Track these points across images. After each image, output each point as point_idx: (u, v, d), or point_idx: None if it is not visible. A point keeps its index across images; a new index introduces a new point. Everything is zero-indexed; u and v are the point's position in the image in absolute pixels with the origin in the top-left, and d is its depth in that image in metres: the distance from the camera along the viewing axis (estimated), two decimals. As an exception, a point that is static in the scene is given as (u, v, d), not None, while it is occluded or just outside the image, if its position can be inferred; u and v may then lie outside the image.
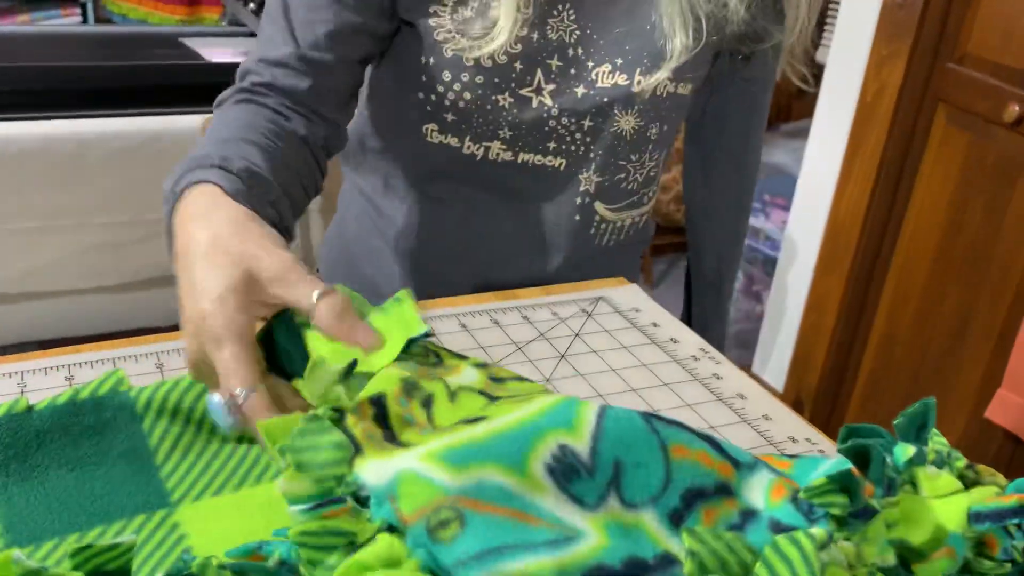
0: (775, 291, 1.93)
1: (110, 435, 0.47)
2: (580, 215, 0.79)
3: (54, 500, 0.44)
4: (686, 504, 0.40)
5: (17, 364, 0.56)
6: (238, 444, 0.49)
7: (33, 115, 1.33)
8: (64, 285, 1.42)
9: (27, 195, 1.34)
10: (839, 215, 1.72)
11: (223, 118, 0.67)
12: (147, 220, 1.42)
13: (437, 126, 0.76)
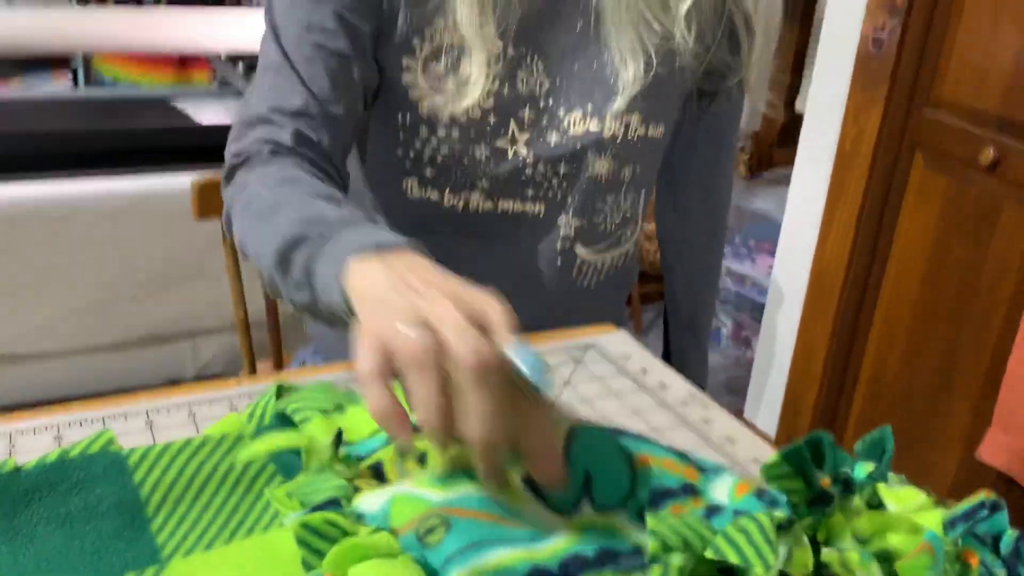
0: (764, 336, 1.94)
1: (100, 489, 0.47)
2: (562, 259, 0.81)
3: (43, 558, 0.44)
4: (653, 503, 0.43)
5: (5, 425, 0.56)
6: (228, 496, 0.49)
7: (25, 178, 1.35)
8: (56, 345, 1.42)
9: (19, 256, 1.34)
10: (823, 260, 1.74)
11: (280, 177, 0.66)
12: (137, 280, 1.42)
13: (416, 180, 0.77)
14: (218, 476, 0.49)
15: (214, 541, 0.46)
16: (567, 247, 0.81)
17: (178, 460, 0.49)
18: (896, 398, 1.63)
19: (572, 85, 0.75)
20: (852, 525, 0.43)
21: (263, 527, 0.48)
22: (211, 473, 0.49)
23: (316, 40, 0.69)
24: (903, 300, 1.60)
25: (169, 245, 1.41)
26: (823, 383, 1.77)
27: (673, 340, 0.95)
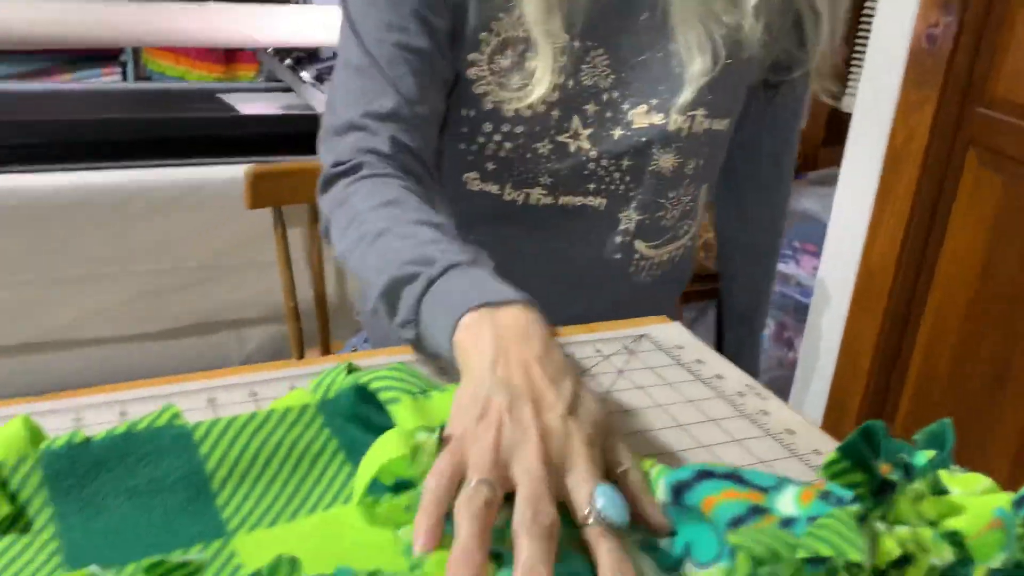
0: (808, 337, 1.92)
1: (166, 463, 0.48)
2: (620, 253, 0.80)
3: (112, 529, 0.45)
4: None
5: (71, 400, 0.57)
6: (292, 473, 0.49)
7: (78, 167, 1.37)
8: (108, 332, 1.44)
9: (72, 244, 1.37)
10: (872, 260, 1.72)
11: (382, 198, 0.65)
12: (188, 268, 1.44)
13: (478, 175, 0.77)
14: (283, 451, 0.50)
15: (278, 518, 0.47)
16: (626, 241, 0.80)
17: (243, 435, 0.49)
18: (945, 400, 1.61)
19: (637, 79, 0.75)
20: (917, 509, 0.42)
21: (325, 505, 0.48)
22: (275, 448, 0.50)
23: (398, 40, 0.69)
24: (954, 301, 1.57)
25: (219, 235, 1.42)
26: (869, 384, 1.74)
27: (727, 336, 0.95)
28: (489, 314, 0.52)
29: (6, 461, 0.46)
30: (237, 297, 1.50)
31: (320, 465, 0.50)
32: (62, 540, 0.44)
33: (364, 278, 0.63)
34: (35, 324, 1.42)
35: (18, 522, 0.45)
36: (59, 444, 0.47)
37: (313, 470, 0.49)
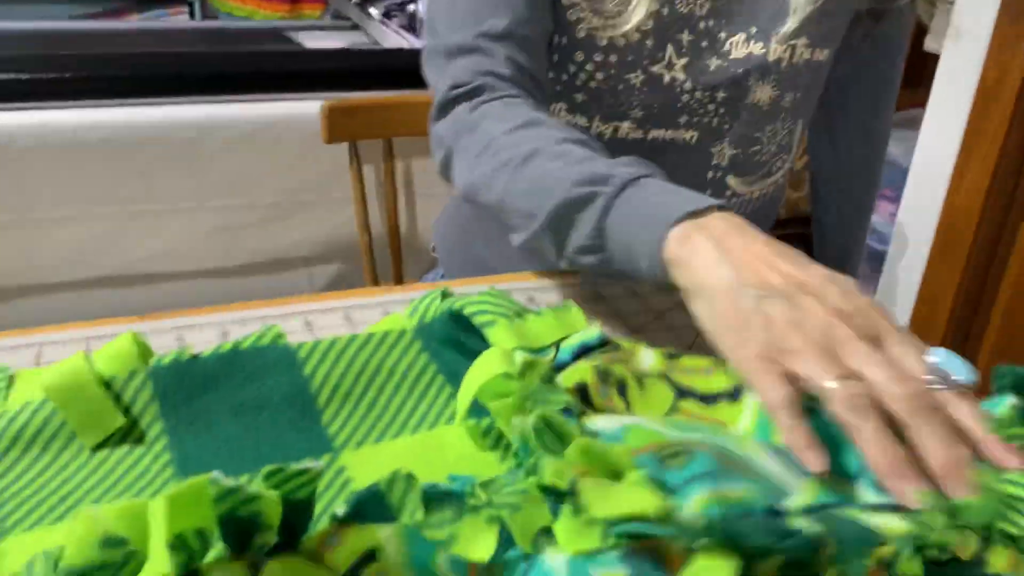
0: (884, 284, 1.87)
1: (271, 381, 0.48)
2: (711, 189, 0.78)
3: (222, 443, 0.45)
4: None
5: (174, 320, 0.58)
6: (394, 394, 0.49)
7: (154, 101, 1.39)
8: (184, 267, 1.47)
9: (149, 179, 1.39)
10: (955, 206, 1.66)
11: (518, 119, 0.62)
12: (264, 204, 1.46)
13: (566, 106, 0.75)
14: (384, 373, 0.50)
15: (383, 436, 0.47)
16: (718, 177, 0.78)
17: (345, 355, 0.49)
18: (1028, 352, 1.56)
19: (736, 6, 0.72)
20: None
21: (428, 425, 0.48)
22: (377, 369, 0.50)
23: None
24: (1043, 249, 1.51)
25: (292, 171, 1.43)
26: (947, 335, 1.70)
27: None
28: (696, 223, 0.48)
29: (118, 376, 0.46)
30: (310, 234, 1.51)
31: (420, 387, 0.50)
32: (173, 453, 0.45)
33: (512, 207, 0.59)
34: (114, 258, 1.45)
35: (131, 434, 0.46)
36: (167, 360, 0.48)
37: (414, 391, 0.50)
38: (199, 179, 1.41)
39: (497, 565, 0.35)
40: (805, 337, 0.41)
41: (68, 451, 0.44)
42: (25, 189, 1.33)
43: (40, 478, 0.42)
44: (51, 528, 0.40)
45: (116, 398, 0.46)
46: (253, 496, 0.32)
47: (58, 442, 0.44)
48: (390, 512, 0.34)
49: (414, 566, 0.34)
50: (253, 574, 0.32)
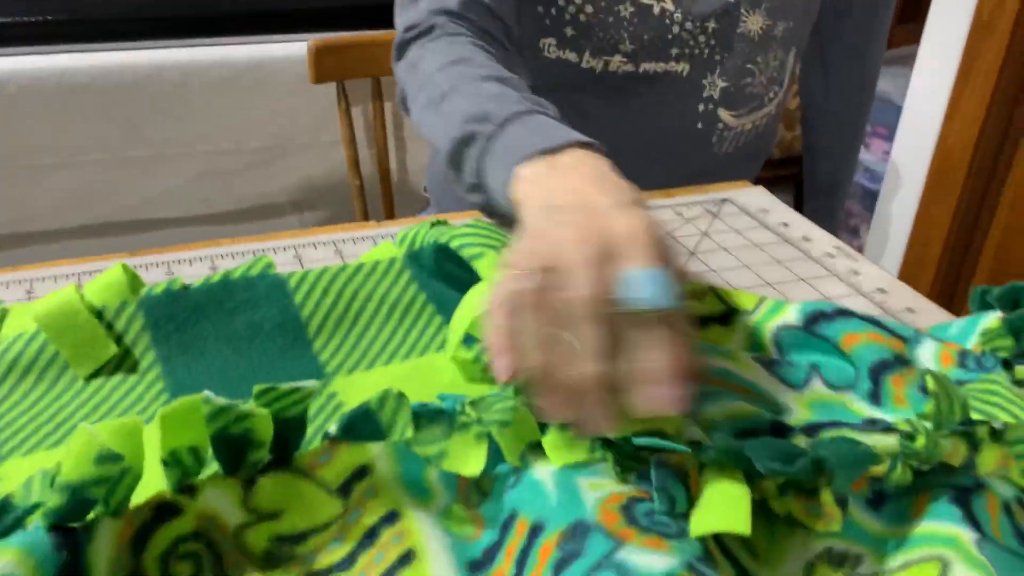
0: (876, 223, 1.87)
1: (263, 310, 0.48)
2: (703, 123, 0.78)
3: (214, 371, 0.46)
4: (875, 380, 0.42)
5: (164, 255, 0.58)
6: (385, 323, 0.49)
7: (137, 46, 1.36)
8: (173, 214, 1.46)
9: (136, 125, 1.37)
10: (948, 142, 1.65)
11: (449, 56, 0.62)
12: (251, 148, 1.44)
13: (555, 40, 0.74)
14: (374, 302, 0.50)
15: (374, 363, 0.47)
16: (710, 110, 0.78)
17: (335, 284, 0.50)
18: (1018, 287, 1.57)
19: None
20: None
21: (419, 352, 0.48)
22: (367, 298, 0.50)
23: None
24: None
25: (279, 114, 1.42)
26: (939, 272, 1.70)
27: (807, 208, 0.92)
28: (547, 161, 0.46)
29: (108, 305, 0.47)
30: (299, 178, 1.50)
31: (411, 316, 0.50)
32: (167, 381, 0.45)
33: (436, 148, 0.60)
34: (103, 205, 1.44)
35: (124, 363, 0.46)
36: (158, 290, 0.48)
37: (405, 320, 0.50)
38: (186, 124, 1.40)
39: (486, 478, 0.36)
40: (536, 243, 0.39)
41: (63, 380, 0.44)
42: (12, 136, 1.32)
43: (36, 406, 0.43)
44: (47, 453, 0.40)
45: (108, 328, 0.46)
46: (245, 414, 0.32)
47: (52, 371, 0.44)
48: (381, 430, 0.35)
49: (405, 481, 0.35)
50: (246, 490, 0.33)
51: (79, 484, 0.29)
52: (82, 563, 0.29)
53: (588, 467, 0.34)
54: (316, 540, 0.33)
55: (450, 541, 0.33)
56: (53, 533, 0.29)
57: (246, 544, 0.32)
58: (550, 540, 0.31)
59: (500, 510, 0.34)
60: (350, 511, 0.34)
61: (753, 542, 0.36)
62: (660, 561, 0.28)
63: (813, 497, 0.34)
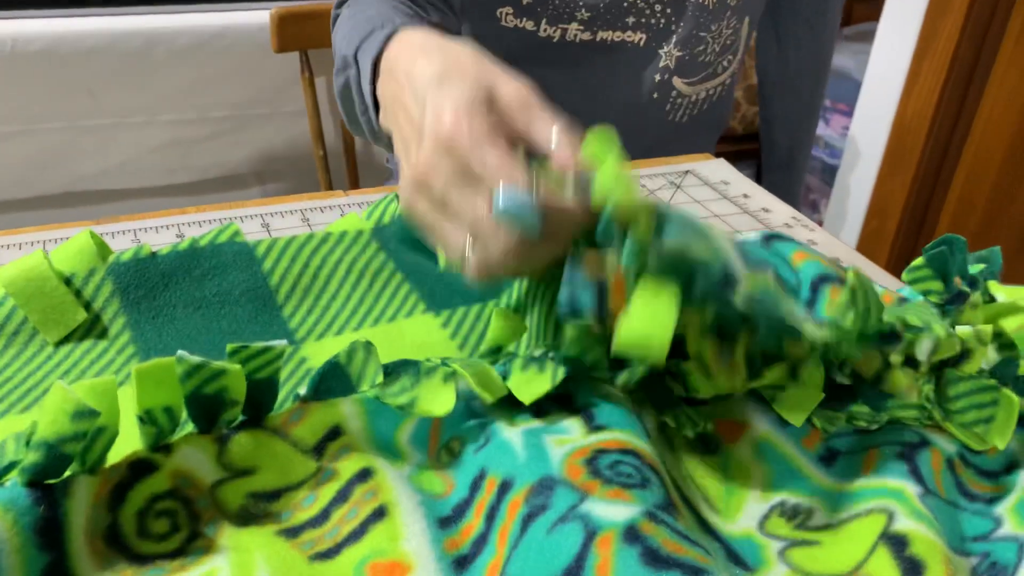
0: (835, 197, 1.90)
1: (231, 277, 0.49)
2: (658, 92, 0.79)
3: (185, 337, 0.46)
4: (813, 290, 0.44)
5: (131, 223, 0.58)
6: (354, 289, 0.50)
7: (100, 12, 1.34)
8: (135, 184, 1.45)
9: (96, 93, 1.35)
10: (906, 116, 1.68)
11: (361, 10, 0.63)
12: (215, 117, 1.43)
13: (512, 9, 0.75)
14: (342, 269, 0.50)
15: (344, 328, 0.48)
16: (665, 79, 0.79)
17: (304, 252, 0.50)
18: (971, 259, 1.61)
19: None
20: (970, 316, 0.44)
21: (388, 319, 0.49)
22: (335, 266, 0.50)
23: None
24: (988, 159, 1.55)
25: (244, 83, 1.40)
26: (895, 244, 1.74)
27: (766, 180, 0.94)
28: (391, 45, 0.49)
29: (77, 272, 0.47)
30: (263, 148, 1.49)
31: (379, 283, 0.51)
32: (137, 346, 0.45)
33: (335, 81, 0.63)
34: (63, 175, 1.42)
35: (93, 330, 0.46)
36: (126, 257, 0.48)
37: (373, 287, 0.50)
38: (148, 93, 1.38)
39: (456, 440, 0.37)
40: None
41: (32, 345, 0.45)
42: (-33, 103, 1.30)
43: (5, 371, 0.43)
44: (17, 417, 0.41)
45: (76, 294, 0.46)
46: (218, 372, 0.33)
47: (21, 336, 0.45)
48: (351, 383, 0.35)
49: (377, 441, 0.36)
50: (221, 447, 0.34)
51: (55, 440, 0.30)
52: (60, 518, 0.30)
53: (555, 425, 0.36)
54: (290, 497, 0.34)
55: (421, 498, 0.34)
56: (30, 489, 0.30)
57: (221, 501, 0.33)
58: (518, 496, 0.32)
59: (469, 469, 0.36)
60: (323, 469, 0.34)
61: (711, 497, 0.37)
62: (622, 511, 0.30)
63: (729, 346, 0.36)
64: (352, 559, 0.32)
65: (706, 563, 0.28)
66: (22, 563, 0.29)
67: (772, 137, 0.92)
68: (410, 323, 0.49)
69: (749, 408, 0.41)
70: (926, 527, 0.33)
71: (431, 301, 0.50)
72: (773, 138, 0.92)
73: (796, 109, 0.91)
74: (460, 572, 0.32)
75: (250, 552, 0.32)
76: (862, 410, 0.41)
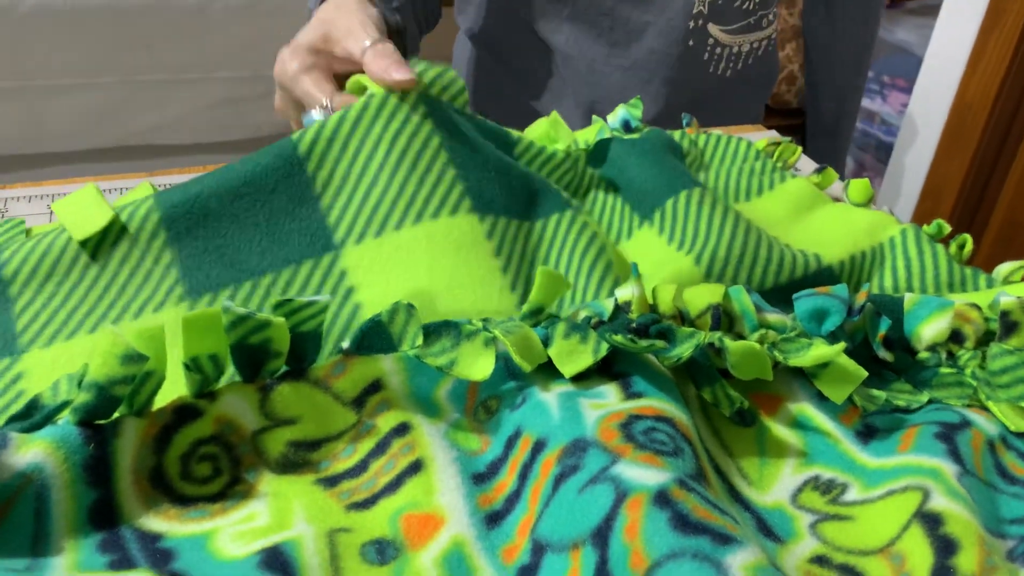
0: (889, 176, 1.86)
1: (267, 161, 0.46)
2: (693, 39, 0.77)
3: (227, 249, 0.45)
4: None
5: (185, 175, 0.59)
6: (395, 171, 0.47)
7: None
8: (189, 139, 1.47)
9: (153, 49, 1.37)
10: (967, 95, 1.63)
11: None
12: (268, 76, 1.44)
13: None
14: (383, 149, 0.47)
15: (384, 227, 0.46)
16: (700, 25, 0.77)
17: (343, 128, 0.48)
18: (1028, 245, 1.57)
19: None
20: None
21: (431, 214, 0.46)
22: (376, 144, 0.48)
23: None
24: (1052, 141, 1.50)
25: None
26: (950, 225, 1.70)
27: (810, 148, 0.92)
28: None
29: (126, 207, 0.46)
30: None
31: (423, 164, 0.47)
32: (178, 262, 0.44)
33: None
34: (117, 128, 1.44)
35: (123, 237, 0.45)
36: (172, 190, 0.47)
37: (416, 168, 0.47)
38: (204, 49, 1.39)
39: (493, 398, 0.37)
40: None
41: (77, 267, 0.44)
42: (28, 56, 1.32)
43: (54, 301, 0.43)
44: (64, 345, 0.41)
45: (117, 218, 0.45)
46: (263, 323, 0.33)
47: (76, 269, 0.44)
48: (392, 342, 0.36)
49: (415, 396, 0.36)
50: (263, 397, 0.34)
51: (106, 382, 0.31)
52: (108, 457, 0.31)
53: (591, 389, 0.36)
54: (329, 447, 0.35)
55: (456, 454, 0.35)
56: (81, 428, 0.31)
57: (262, 448, 0.34)
58: (552, 455, 0.33)
59: (505, 428, 0.36)
60: (363, 422, 0.35)
61: (745, 468, 0.37)
62: (654, 475, 0.30)
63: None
64: (387, 510, 0.32)
65: (734, 531, 0.28)
66: (71, 498, 0.30)
67: (817, 103, 0.90)
68: (455, 223, 0.46)
69: (787, 381, 0.41)
70: (962, 507, 0.33)
71: (478, 199, 0.47)
72: (818, 104, 0.90)
73: (843, 74, 0.89)
74: (492, 528, 0.32)
75: (288, 499, 0.32)
76: (903, 388, 0.41)
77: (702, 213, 0.51)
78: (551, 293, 0.39)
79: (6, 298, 0.43)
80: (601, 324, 0.38)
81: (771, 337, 0.40)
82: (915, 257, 0.53)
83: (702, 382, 0.39)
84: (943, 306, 0.42)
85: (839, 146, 0.92)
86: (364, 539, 0.31)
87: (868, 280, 0.53)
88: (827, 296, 0.41)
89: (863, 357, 0.41)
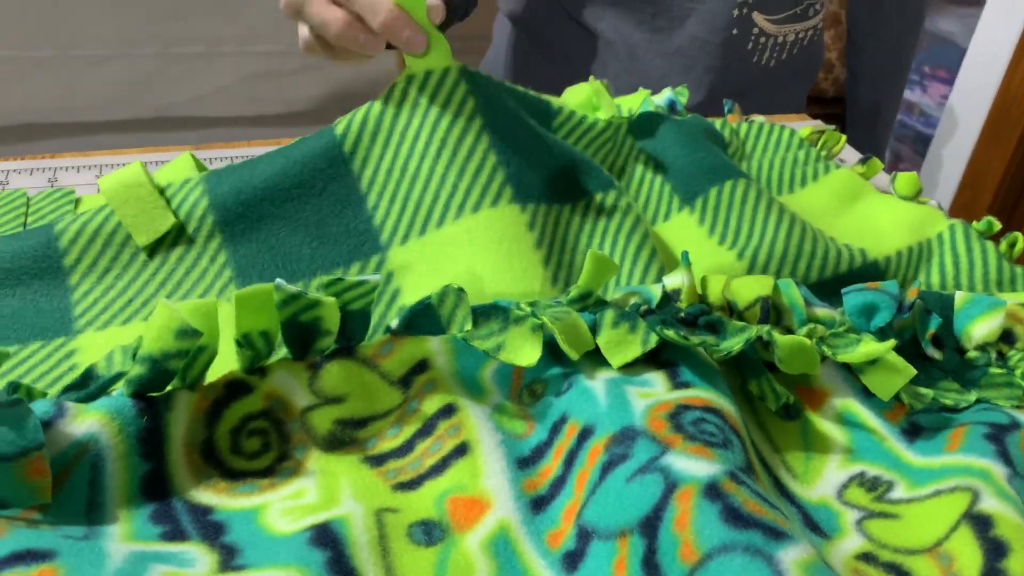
0: (927, 167, 1.84)
1: (320, 182, 0.47)
2: (737, 28, 0.76)
3: (279, 250, 0.46)
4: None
5: (228, 151, 0.59)
6: (435, 163, 0.47)
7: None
8: (224, 112, 1.47)
9: (190, 21, 1.37)
10: (1011, 88, 1.60)
11: None
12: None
13: None
14: (423, 138, 0.48)
15: (427, 225, 0.46)
16: (744, 14, 0.75)
17: (384, 121, 0.48)
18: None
19: None
20: None
21: (472, 207, 0.46)
22: (417, 132, 0.48)
23: None
24: (1097, 137, 1.47)
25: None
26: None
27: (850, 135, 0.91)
28: None
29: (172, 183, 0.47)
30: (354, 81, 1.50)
31: (463, 152, 0.47)
32: (232, 259, 0.46)
33: None
34: (153, 99, 1.45)
35: (184, 237, 0.46)
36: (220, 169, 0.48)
37: (456, 158, 0.47)
38: (240, 22, 1.40)
39: (539, 382, 0.37)
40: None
41: (135, 260, 0.45)
42: (65, 26, 1.33)
43: (108, 283, 0.44)
44: (119, 329, 0.42)
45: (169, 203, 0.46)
46: (314, 302, 0.34)
47: (127, 252, 0.45)
48: (440, 325, 0.36)
49: (461, 378, 0.36)
50: (313, 374, 0.35)
51: (160, 355, 0.31)
52: (161, 430, 0.31)
53: (638, 376, 0.36)
54: (376, 426, 0.35)
55: (501, 437, 0.35)
56: (135, 400, 0.31)
57: (311, 425, 0.34)
58: (599, 443, 0.33)
59: (551, 413, 0.36)
60: (409, 402, 0.35)
61: (790, 462, 0.37)
62: (704, 467, 0.30)
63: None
64: (433, 492, 0.33)
65: (785, 526, 0.28)
66: (125, 468, 0.30)
67: (858, 90, 0.89)
68: (496, 215, 0.46)
69: (832, 376, 0.40)
70: (1012, 509, 0.32)
71: (518, 187, 0.47)
72: (859, 91, 0.89)
73: (885, 61, 0.87)
74: (537, 512, 0.32)
75: (336, 476, 0.33)
76: (951, 386, 0.40)
77: (746, 207, 0.51)
78: (600, 277, 0.39)
79: (64, 278, 0.44)
80: (649, 312, 0.38)
81: (819, 332, 0.39)
82: (963, 254, 0.52)
83: (748, 375, 0.39)
84: (995, 305, 0.42)
85: (879, 135, 0.91)
86: (411, 519, 0.32)
87: (915, 276, 0.52)
88: (877, 291, 0.41)
89: (909, 354, 0.41)
